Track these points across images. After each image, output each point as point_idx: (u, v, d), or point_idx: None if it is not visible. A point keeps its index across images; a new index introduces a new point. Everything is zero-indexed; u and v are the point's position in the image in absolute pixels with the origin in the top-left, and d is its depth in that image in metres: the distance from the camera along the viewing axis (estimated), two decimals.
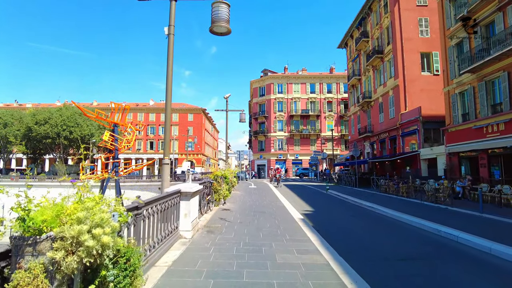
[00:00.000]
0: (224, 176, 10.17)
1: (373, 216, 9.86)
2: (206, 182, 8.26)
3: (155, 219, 4.45)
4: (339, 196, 15.70)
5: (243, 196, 13.37)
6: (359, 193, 17.75)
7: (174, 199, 5.35)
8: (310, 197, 15.39)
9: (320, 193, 17.77)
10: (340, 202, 13.43)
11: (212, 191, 9.08)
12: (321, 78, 53.46)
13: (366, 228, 7.96)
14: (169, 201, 5.07)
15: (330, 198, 15.23)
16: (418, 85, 25.66)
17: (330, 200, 13.91)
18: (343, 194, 16.20)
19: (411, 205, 12.07)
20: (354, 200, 13.55)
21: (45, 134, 45.68)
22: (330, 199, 14.38)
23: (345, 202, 13.68)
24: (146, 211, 3.95)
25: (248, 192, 15.86)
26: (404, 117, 24.98)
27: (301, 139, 52.40)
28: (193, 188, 5.73)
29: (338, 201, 14.03)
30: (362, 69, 34.26)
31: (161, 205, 4.66)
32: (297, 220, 7.75)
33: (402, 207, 11.33)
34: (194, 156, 70.05)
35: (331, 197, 15.72)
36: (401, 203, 12.88)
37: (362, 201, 12.86)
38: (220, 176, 9.85)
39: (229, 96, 19.67)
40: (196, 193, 6.16)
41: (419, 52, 26.05)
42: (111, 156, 17.13)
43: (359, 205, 12.34)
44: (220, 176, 9.85)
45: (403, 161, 25.27)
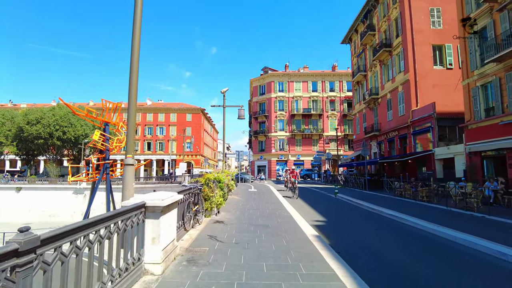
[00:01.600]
0: (218, 179, 8.37)
1: (401, 228, 8.02)
2: (192, 189, 6.44)
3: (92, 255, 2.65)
4: (351, 202, 13.86)
5: (242, 203, 11.53)
6: (371, 197, 15.92)
7: (134, 218, 3.54)
8: (319, 202, 13.55)
9: (329, 198, 15.92)
10: (354, 210, 11.58)
11: (202, 199, 7.27)
12: (323, 76, 51.69)
13: (402, 248, 6.11)
14: (124, 222, 3.27)
15: (341, 204, 13.39)
16: (430, 79, 23.88)
17: (342, 207, 12.07)
18: (354, 199, 14.38)
19: (439, 213, 10.25)
20: (370, 206, 11.71)
21: (37, 135, 43.92)
22: (341, 206, 12.54)
23: (359, 209, 11.84)
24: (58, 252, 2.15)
25: (247, 197, 14.02)
26: (416, 114, 23.17)
27: (303, 139, 50.60)
28: (165, 201, 3.92)
29: (352, 207, 12.18)
30: (368, 65, 32.47)
31: (106, 230, 2.87)
32: (310, 237, 5.93)
33: (430, 215, 9.51)
34: (192, 157, 68.26)
35: (342, 202, 13.89)
36: (425, 210, 11.05)
37: (381, 208, 11.02)
38: (212, 180, 8.04)
39: (226, 91, 17.88)
40: (171, 206, 4.35)
41: (431, 45, 24.28)
42: (102, 157, 15.14)
43: (378, 213, 10.51)
44: (212, 180, 8.04)
45: (414, 161, 23.46)
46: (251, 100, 57.52)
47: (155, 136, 68.96)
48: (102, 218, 2.80)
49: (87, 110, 15.97)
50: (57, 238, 2.14)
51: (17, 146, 46.35)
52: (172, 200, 4.25)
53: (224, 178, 8.94)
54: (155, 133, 68.96)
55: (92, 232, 2.62)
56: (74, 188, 36.71)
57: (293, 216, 8.54)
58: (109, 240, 2.98)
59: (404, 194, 15.66)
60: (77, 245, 2.39)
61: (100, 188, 15.55)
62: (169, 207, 4.25)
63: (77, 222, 2.47)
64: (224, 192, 8.76)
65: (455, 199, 11.63)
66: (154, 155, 68.26)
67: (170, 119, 69.05)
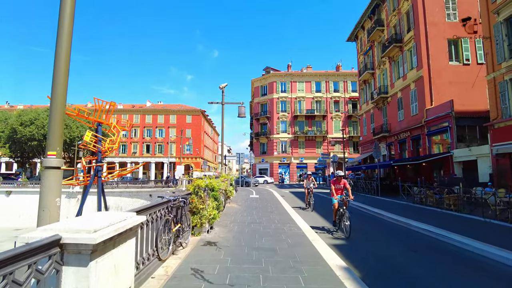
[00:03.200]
0: (211, 187, 6.62)
1: (448, 252, 6.18)
2: (172, 201, 4.70)
3: None
4: (367, 211, 12.05)
5: (241, 213, 9.75)
6: (388, 205, 14.12)
7: (38, 266, 1.82)
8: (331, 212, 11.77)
9: None
10: (375, 221, 9.76)
11: (187, 214, 5.53)
12: (327, 76, 49.99)
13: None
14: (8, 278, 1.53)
15: (357, 213, 11.58)
16: (446, 76, 22.12)
17: (361, 218, 10.25)
18: (370, 207, 12.56)
19: (482, 227, 8.45)
20: (393, 217, 9.89)
21: (30, 136, 42.38)
22: (359, 216, 10.70)
23: (381, 220, 10.02)
24: None
25: (248, 205, 12.21)
26: (431, 113, 21.39)
27: (306, 141, 48.81)
28: (101, 232, 2.22)
29: (371, 219, 10.36)
30: (376, 62, 30.76)
31: None
32: (337, 270, 4.19)
33: (474, 231, 7.71)
34: (192, 159, 66.58)
35: (357, 212, 12.07)
36: (462, 222, 9.23)
37: (407, 219, 9.18)
38: (203, 187, 6.30)
39: (225, 86, 16.18)
40: (118, 240, 2.60)
41: (446, 39, 22.52)
42: (94, 159, 13.62)
43: (405, 227, 8.68)
44: (203, 187, 6.30)
45: (429, 164, 21.62)
46: (253, 101, 55.87)
47: (154, 138, 67.34)
48: None
49: (78, 109, 14.56)
50: None
51: (10, 148, 44.76)
52: (119, 229, 2.50)
53: (220, 185, 7.19)
54: (154, 135, 67.35)
55: None
56: (67, 192, 35.03)
57: (306, 234, 6.77)
58: None
59: (425, 201, 13.85)
60: None
61: (94, 192, 14.33)
62: (113, 242, 2.50)
63: None
64: (219, 203, 7.03)
65: (495, 209, 9.82)
66: (153, 158, 66.65)
67: (169, 121, 67.46)
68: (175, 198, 4.79)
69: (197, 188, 6.23)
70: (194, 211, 6.16)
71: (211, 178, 6.77)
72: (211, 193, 6.59)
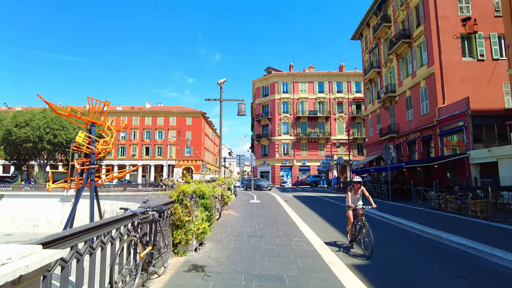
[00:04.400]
0: (200, 194, 5.26)
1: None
2: (139, 215, 3.37)
3: None
4: (383, 218, 10.64)
5: (240, 223, 8.37)
6: (404, 211, 12.74)
7: None
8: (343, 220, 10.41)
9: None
10: (397, 233, 8.27)
11: (165, 232, 4.21)
12: (330, 76, 48.71)
13: None
14: None
15: (374, 223, 10.16)
16: (459, 73, 20.81)
17: (379, 228, 8.68)
18: (386, 215, 11.18)
19: None
20: (417, 227, 8.45)
21: (25, 138, 41.18)
22: (377, 227, 9.22)
23: (403, 231, 8.59)
24: None
25: (248, 212, 10.83)
26: (444, 112, 20.04)
27: (309, 143, 47.44)
28: None
29: (390, 229, 8.91)
30: (383, 60, 29.48)
31: None
32: None
33: None
34: (192, 162, 65.29)
35: (373, 220, 10.64)
36: (504, 235, 7.84)
37: (436, 231, 7.76)
38: (190, 194, 4.98)
39: (224, 82, 14.90)
40: None
41: (459, 34, 21.22)
42: (87, 161, 12.48)
43: (435, 240, 7.24)
44: (190, 194, 4.98)
45: (442, 166, 20.23)
46: (254, 102, 54.63)
47: (153, 141, 66.14)
48: None
49: (70, 108, 13.39)
50: None
51: (4, 150, 43.57)
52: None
53: (211, 191, 5.85)
54: (153, 138, 66.16)
55: None
56: (61, 196, 33.74)
57: (319, 252, 5.43)
58: None
59: (445, 207, 12.46)
60: None
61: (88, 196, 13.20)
62: None
63: None
64: (211, 213, 5.68)
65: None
66: (153, 160, 65.39)
67: (169, 123, 66.26)
68: (144, 210, 3.47)
69: (182, 195, 4.91)
70: (178, 224, 4.84)
71: (199, 183, 5.43)
72: (200, 201, 5.27)
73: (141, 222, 3.44)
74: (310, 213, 11.85)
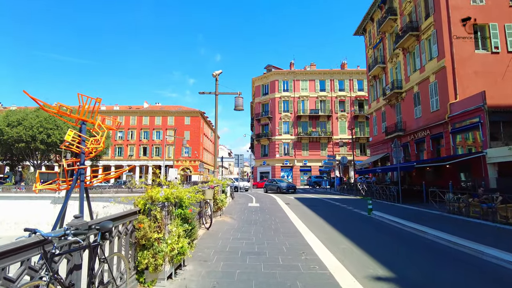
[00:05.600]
0: (176, 201, 3.84)
1: None
2: (57, 241, 2.01)
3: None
4: (401, 226, 9.21)
5: (234, 234, 7.03)
6: (420, 215, 11.39)
7: None
8: (351, 225, 9.04)
9: (361, 217, 11.30)
10: (425, 246, 6.73)
11: (119, 258, 2.85)
12: (332, 74, 47.38)
13: None
14: None
15: (389, 230, 8.82)
16: (471, 66, 19.47)
17: (400, 239, 7.42)
18: (400, 220, 9.79)
19: None
20: (445, 238, 7.05)
21: (17, 137, 39.89)
22: (396, 236, 7.89)
23: (432, 243, 7.07)
24: None
25: (245, 219, 9.41)
26: (457, 108, 18.69)
27: (310, 143, 46.08)
28: None
29: (415, 240, 7.44)
30: (388, 55, 28.16)
31: None
32: None
33: None
34: (191, 162, 63.95)
35: (387, 227, 9.29)
36: None
37: (476, 245, 6.35)
38: (161, 202, 3.61)
39: (220, 74, 13.56)
40: None
41: (472, 25, 19.88)
42: (76, 161, 11.20)
43: (477, 257, 5.90)
44: (161, 202, 3.61)
45: (454, 166, 18.86)
46: (253, 101, 53.30)
47: (151, 141, 64.83)
48: None
49: (59, 105, 12.20)
50: None
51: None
52: None
53: (193, 197, 4.47)
54: (151, 138, 64.84)
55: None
56: (53, 197, 32.36)
57: (335, 276, 4.08)
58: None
59: (466, 212, 11.09)
60: None
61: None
62: None
63: None
64: (193, 227, 4.30)
65: None
66: (151, 161, 64.04)
67: (167, 123, 64.89)
68: (63, 232, 2.13)
69: (150, 203, 3.57)
70: (144, 243, 3.49)
71: (174, 187, 4.06)
72: (176, 211, 3.93)
73: (61, 253, 2.10)
74: (315, 218, 10.48)
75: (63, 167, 11.40)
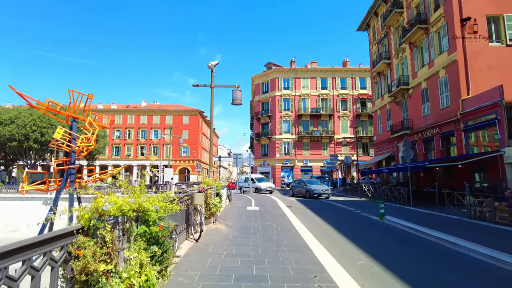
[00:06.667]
0: (137, 214, 2.66)
1: None
2: None
3: None
4: (422, 234, 8.02)
5: (229, 249, 5.78)
6: (439, 222, 10.19)
7: None
8: (367, 237, 7.83)
9: (373, 223, 10.08)
10: (457, 262, 5.69)
11: None
12: (333, 72, 46.18)
13: None
14: None
15: (406, 239, 7.58)
16: (485, 60, 18.31)
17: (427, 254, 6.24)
18: (422, 227, 8.58)
19: None
20: (486, 253, 5.81)
21: (10, 136, 38.71)
22: (422, 250, 6.70)
23: (466, 258, 6.00)
24: None
25: (242, 228, 8.10)
26: (470, 104, 17.50)
27: (311, 142, 44.87)
28: None
29: (442, 252, 6.35)
30: (393, 50, 26.98)
31: None
32: None
33: None
34: (189, 162, 62.73)
35: (404, 235, 8.06)
36: None
37: None
38: (113, 216, 2.42)
39: (216, 65, 12.36)
40: None
41: (485, 16, 18.73)
42: (66, 160, 9.89)
43: None
44: (113, 216, 2.42)
45: (467, 166, 17.66)
46: (253, 99, 52.08)
47: (149, 140, 63.60)
48: None
49: (49, 102, 11.08)
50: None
51: None
52: None
53: (164, 208, 3.20)
54: (149, 137, 63.60)
55: None
56: (44, 198, 31.11)
57: None
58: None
59: (491, 217, 9.88)
60: None
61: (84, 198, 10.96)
62: None
63: None
64: (165, 249, 3.06)
65: None
66: (148, 161, 62.71)
67: (165, 122, 63.61)
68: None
69: (98, 218, 2.39)
70: (85, 279, 2.30)
71: (141, 191, 2.86)
72: (138, 229, 2.72)
73: None
74: (323, 225, 9.26)
75: (53, 166, 10.30)
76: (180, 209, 4.91)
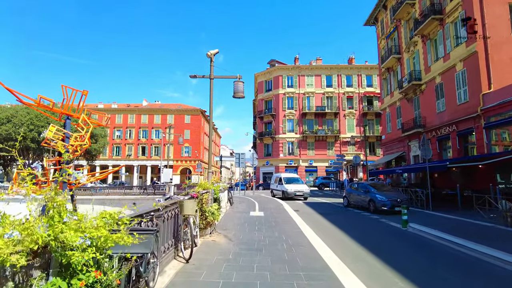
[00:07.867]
0: (53, 250, 1.50)
1: None
2: None
3: None
4: (459, 247, 6.63)
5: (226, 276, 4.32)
6: (473, 231, 8.83)
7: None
8: (396, 253, 6.49)
9: (398, 233, 8.71)
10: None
11: None
12: (339, 69, 44.78)
13: None
14: None
15: (449, 256, 6.24)
16: (507, 51, 16.95)
17: (479, 277, 4.93)
18: (457, 239, 7.22)
19: None
20: None
21: (6, 135, 37.85)
22: (468, 269, 5.31)
23: None
24: None
25: (245, 241, 6.80)
26: (492, 99, 16.11)
27: (316, 141, 43.52)
28: None
29: (498, 274, 5.04)
30: (404, 44, 25.59)
31: None
32: None
33: None
34: (190, 162, 61.55)
35: (443, 251, 6.69)
36: None
37: None
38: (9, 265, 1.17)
39: (216, 54, 11.10)
40: None
41: (508, 3, 17.36)
42: (59, 160, 8.62)
43: None
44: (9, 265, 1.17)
45: (488, 167, 16.24)
46: (256, 98, 50.80)
47: (150, 140, 62.54)
48: None
49: (40, 98, 9.95)
50: None
51: None
52: None
53: (106, 240, 1.90)
54: (150, 137, 62.53)
55: None
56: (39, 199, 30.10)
57: None
58: None
59: None
60: None
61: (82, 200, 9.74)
62: None
63: None
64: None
65: None
66: (149, 161, 61.77)
67: (167, 121, 62.48)
68: None
69: None
70: None
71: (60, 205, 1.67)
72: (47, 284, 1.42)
73: None
74: (340, 236, 7.90)
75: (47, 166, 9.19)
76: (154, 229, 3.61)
